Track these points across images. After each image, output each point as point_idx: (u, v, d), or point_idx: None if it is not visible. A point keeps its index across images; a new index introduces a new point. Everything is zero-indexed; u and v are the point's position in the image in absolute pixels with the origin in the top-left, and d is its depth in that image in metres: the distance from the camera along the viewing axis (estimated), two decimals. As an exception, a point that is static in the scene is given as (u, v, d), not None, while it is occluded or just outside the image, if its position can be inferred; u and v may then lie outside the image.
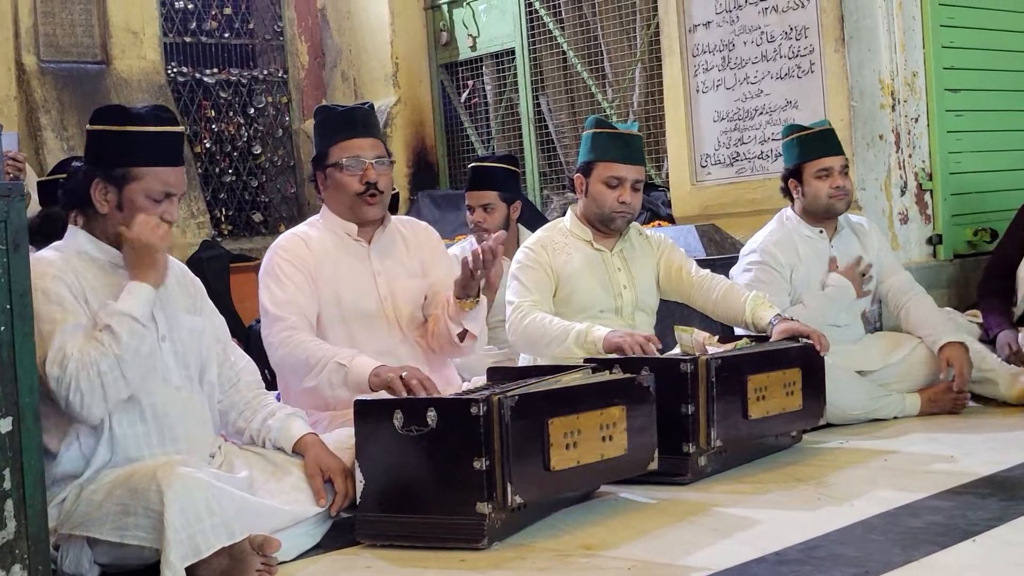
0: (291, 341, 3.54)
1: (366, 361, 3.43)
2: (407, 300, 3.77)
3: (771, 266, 4.49)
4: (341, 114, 3.78)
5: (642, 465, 3.35)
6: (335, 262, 3.72)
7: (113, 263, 2.98)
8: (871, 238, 4.73)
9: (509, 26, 7.86)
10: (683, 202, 6.37)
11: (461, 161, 8.46)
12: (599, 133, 4.15)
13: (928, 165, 5.78)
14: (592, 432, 3.15)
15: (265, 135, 8.87)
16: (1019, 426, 4.18)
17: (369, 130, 3.77)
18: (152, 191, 2.95)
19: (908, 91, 5.69)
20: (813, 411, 3.95)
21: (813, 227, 4.59)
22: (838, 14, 5.63)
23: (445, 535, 2.94)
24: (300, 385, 3.53)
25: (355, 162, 3.70)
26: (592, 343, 3.82)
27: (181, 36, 8.49)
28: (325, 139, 3.77)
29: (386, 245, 3.81)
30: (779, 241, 4.56)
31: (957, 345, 4.46)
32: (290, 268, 3.67)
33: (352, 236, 3.76)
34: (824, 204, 4.55)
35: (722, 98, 6.15)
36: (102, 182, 2.94)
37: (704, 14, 6.20)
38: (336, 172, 3.72)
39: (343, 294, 3.69)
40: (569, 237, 4.18)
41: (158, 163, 2.96)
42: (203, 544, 2.60)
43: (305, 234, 3.78)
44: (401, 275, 3.78)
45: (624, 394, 3.27)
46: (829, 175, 4.55)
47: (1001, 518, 2.91)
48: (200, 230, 7.71)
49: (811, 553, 2.73)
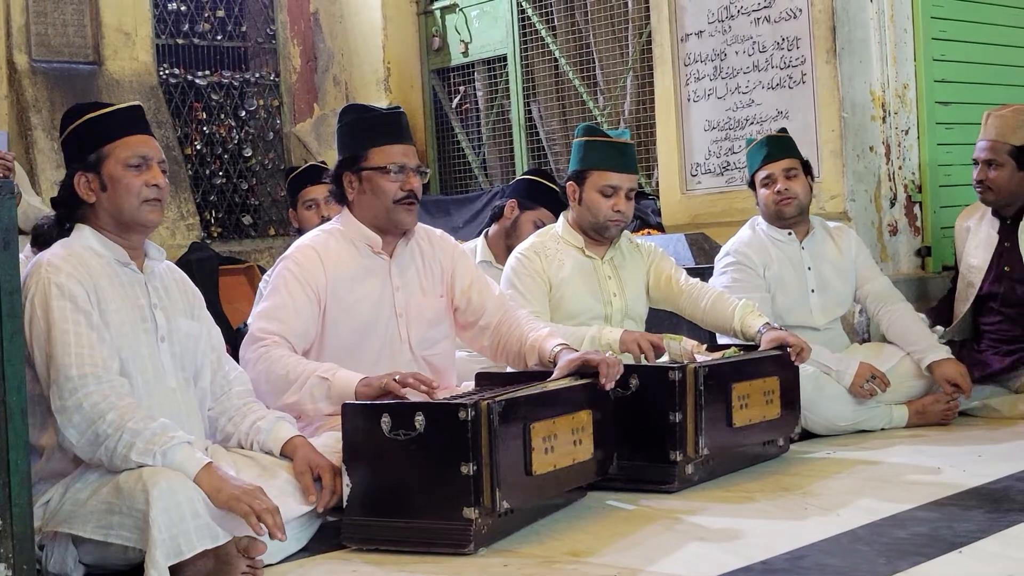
0: (268, 357, 3.43)
1: (348, 374, 3.35)
2: (419, 319, 3.68)
3: (745, 265, 4.55)
4: (381, 117, 3.67)
5: (604, 469, 3.38)
6: (351, 279, 3.60)
7: (119, 260, 3.02)
8: (848, 242, 4.74)
9: (502, 33, 7.87)
10: (673, 211, 6.38)
11: (451, 167, 8.46)
12: (593, 141, 4.14)
13: (918, 177, 5.80)
14: (566, 436, 3.17)
15: (256, 138, 8.85)
16: (1005, 439, 4.20)
17: (410, 137, 3.71)
18: (127, 159, 3.02)
19: (899, 103, 5.71)
20: (790, 420, 3.98)
21: (781, 230, 4.63)
22: (830, 25, 5.64)
23: (432, 540, 2.94)
24: (279, 401, 3.40)
25: (400, 168, 3.61)
26: (608, 345, 3.83)
27: (173, 38, 8.47)
28: (360, 141, 3.63)
29: (406, 259, 3.70)
30: (751, 243, 4.63)
31: (950, 362, 4.47)
32: (296, 286, 3.54)
33: (374, 248, 3.65)
34: (772, 211, 4.59)
35: (713, 107, 6.16)
36: (82, 174, 3.02)
37: (696, 23, 6.22)
38: (377, 176, 3.60)
39: (357, 313, 3.58)
40: (561, 243, 4.18)
41: (124, 134, 3.04)
42: (185, 545, 2.60)
43: (323, 246, 3.62)
44: (416, 292, 3.69)
45: (590, 398, 3.30)
46: (772, 181, 4.58)
47: (986, 530, 2.92)
48: (190, 232, 7.69)
49: (797, 563, 2.73)
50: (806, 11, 5.73)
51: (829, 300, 4.64)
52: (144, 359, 2.99)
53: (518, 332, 3.66)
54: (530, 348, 3.59)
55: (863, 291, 4.75)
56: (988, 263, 4.80)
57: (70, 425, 2.78)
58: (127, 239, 3.05)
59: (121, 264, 3.03)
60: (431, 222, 7.82)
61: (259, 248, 8.44)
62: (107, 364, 2.84)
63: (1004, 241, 4.80)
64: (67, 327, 2.82)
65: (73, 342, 2.81)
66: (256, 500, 2.75)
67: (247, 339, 3.55)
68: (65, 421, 2.78)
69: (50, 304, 2.83)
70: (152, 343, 3.02)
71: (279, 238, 8.51)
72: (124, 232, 3.04)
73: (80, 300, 2.86)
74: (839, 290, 4.68)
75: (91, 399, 2.77)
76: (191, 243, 7.46)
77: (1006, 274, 4.77)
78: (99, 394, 2.78)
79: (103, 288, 2.94)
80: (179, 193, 7.71)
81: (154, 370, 3.01)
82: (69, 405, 2.77)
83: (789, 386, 3.93)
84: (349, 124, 3.70)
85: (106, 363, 2.84)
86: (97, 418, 2.75)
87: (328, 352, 3.56)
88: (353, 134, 3.68)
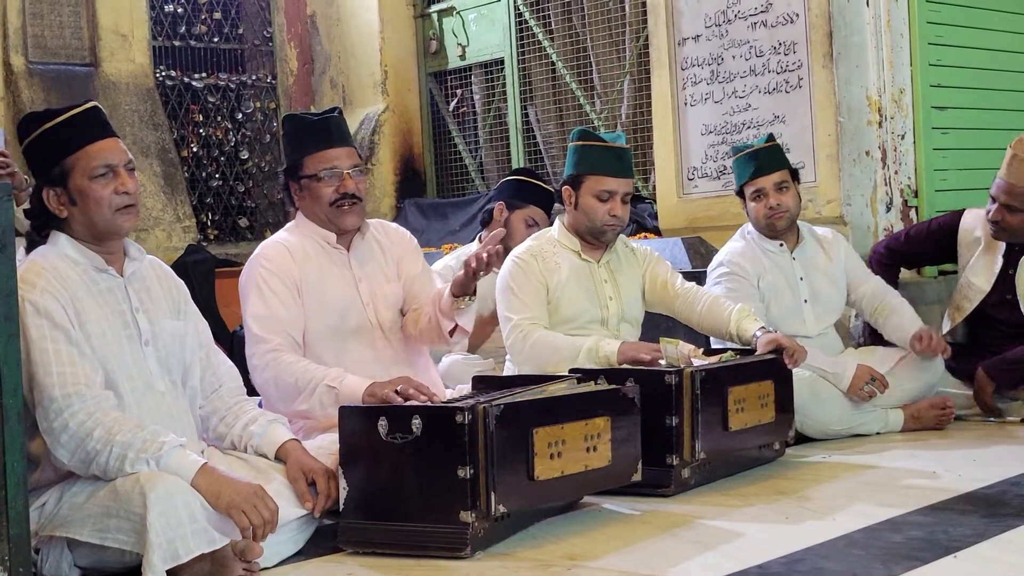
0: (277, 363, 3.52)
1: (355, 381, 3.42)
2: (387, 305, 3.80)
3: (739, 275, 4.53)
4: (313, 124, 3.74)
5: (626, 476, 3.35)
6: (319, 270, 3.71)
7: (96, 267, 2.97)
8: (837, 249, 4.74)
9: (499, 36, 7.87)
10: (670, 214, 6.38)
11: (448, 170, 8.47)
12: (589, 146, 4.13)
13: (914, 182, 5.81)
14: (576, 442, 3.15)
15: (253, 140, 8.86)
16: (1001, 443, 4.20)
17: (344, 139, 3.76)
18: (91, 169, 2.93)
19: (895, 108, 5.72)
20: (783, 424, 3.97)
21: (772, 241, 4.62)
22: (827, 30, 5.66)
23: (428, 543, 2.94)
24: (290, 408, 3.50)
25: (332, 173, 3.68)
26: (605, 357, 3.83)
27: (170, 40, 8.47)
28: (297, 149, 3.74)
29: (364, 251, 3.82)
30: (743, 252, 4.60)
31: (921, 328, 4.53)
32: (274, 280, 3.63)
33: (331, 244, 3.75)
34: (764, 224, 4.57)
35: (710, 111, 6.17)
36: (49, 189, 2.94)
37: (693, 28, 6.23)
38: (312, 183, 3.70)
39: (329, 302, 3.69)
40: (557, 247, 4.18)
41: (83, 143, 2.94)
42: (182, 549, 2.59)
43: (287, 241, 3.75)
44: (380, 280, 3.81)
45: (609, 405, 3.28)
46: (763, 196, 4.54)
47: (982, 534, 2.92)
48: (186, 234, 7.69)
49: (793, 567, 2.73)
50: (803, 16, 5.75)
51: (822, 309, 4.64)
52: (129, 366, 2.95)
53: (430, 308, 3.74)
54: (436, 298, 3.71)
55: (856, 295, 4.74)
56: (991, 286, 4.78)
57: (59, 446, 2.76)
58: (104, 246, 3.00)
59: (99, 270, 2.97)
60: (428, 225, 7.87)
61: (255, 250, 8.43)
62: (90, 380, 2.80)
63: (1008, 268, 4.76)
64: (46, 346, 2.78)
65: (54, 361, 2.77)
66: (254, 510, 2.75)
67: (251, 341, 3.58)
68: (54, 442, 2.76)
69: (26, 322, 2.77)
70: (136, 349, 2.98)
71: (275, 241, 8.49)
72: (100, 240, 2.99)
73: (57, 316, 2.81)
74: (831, 298, 4.68)
75: (77, 418, 2.74)
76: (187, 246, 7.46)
77: (1008, 301, 4.74)
78: (84, 412, 2.75)
79: (81, 299, 2.89)
80: (175, 196, 7.71)
81: (141, 376, 2.97)
82: (56, 427, 2.75)
83: (783, 390, 3.94)
84: (287, 134, 3.82)
85: (89, 379, 2.80)
86: (85, 436, 2.74)
87: (309, 341, 3.65)
88: (291, 143, 3.79)
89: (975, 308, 4.80)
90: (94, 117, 3.00)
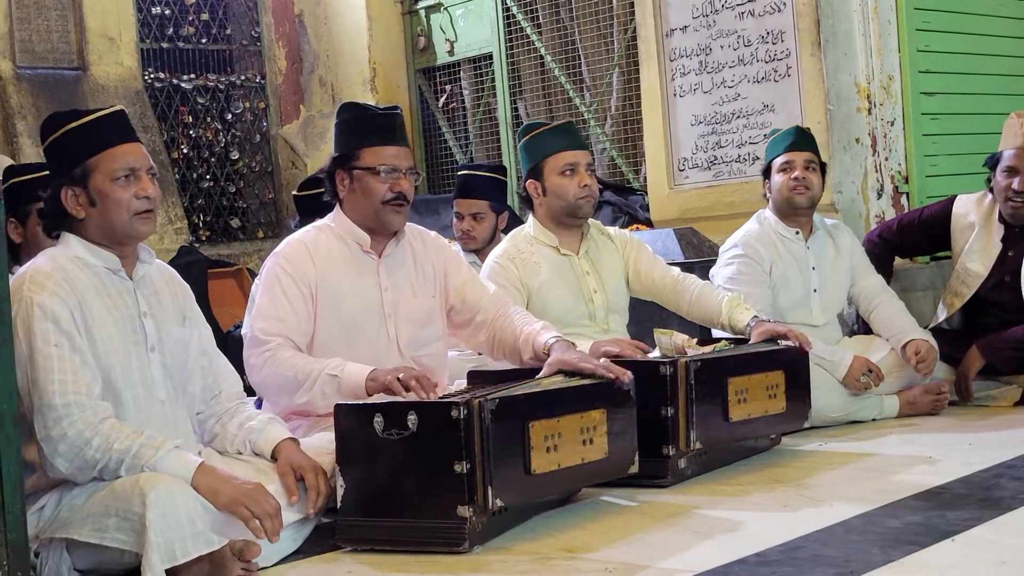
0: (274, 360, 3.43)
1: (357, 368, 3.36)
2: (409, 320, 3.66)
3: (752, 259, 4.52)
4: (376, 117, 3.65)
5: (623, 468, 3.35)
6: (340, 276, 3.59)
7: (108, 268, 2.96)
8: (845, 240, 4.75)
9: (487, 31, 7.87)
10: (661, 206, 6.39)
11: (439, 166, 8.47)
12: (536, 135, 4.19)
13: (904, 168, 5.81)
14: (573, 435, 3.15)
15: (243, 141, 8.85)
16: (996, 427, 4.21)
17: (404, 139, 3.68)
18: (113, 171, 2.92)
19: (884, 94, 5.72)
20: (797, 413, 3.94)
21: (789, 228, 4.62)
22: (814, 18, 5.66)
23: (426, 539, 2.94)
24: (290, 402, 3.44)
25: (390, 170, 3.58)
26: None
27: (158, 42, 8.46)
28: (354, 139, 3.62)
29: (396, 259, 3.69)
30: (759, 236, 4.60)
31: (921, 340, 4.50)
32: (289, 282, 3.54)
33: (363, 248, 3.64)
34: (784, 196, 4.58)
35: (699, 102, 6.17)
36: (69, 188, 2.93)
37: (681, 18, 6.23)
38: (367, 176, 3.58)
39: (345, 310, 3.58)
40: (535, 244, 4.16)
41: (108, 145, 2.94)
42: (180, 550, 2.59)
43: (313, 242, 3.62)
44: (407, 293, 3.68)
45: (604, 397, 3.28)
46: (791, 168, 4.57)
47: (979, 518, 2.93)
48: (178, 236, 7.68)
49: (792, 554, 2.74)
50: (790, 5, 5.75)
51: (828, 299, 4.65)
52: (133, 373, 2.94)
53: (512, 327, 3.66)
54: (524, 342, 3.60)
55: (856, 288, 4.75)
56: (989, 270, 4.76)
57: (57, 455, 2.75)
58: (118, 249, 2.99)
59: (111, 272, 2.96)
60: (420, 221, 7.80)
61: (248, 251, 8.44)
62: (90, 389, 2.79)
63: (1008, 250, 4.73)
64: (49, 351, 2.77)
65: (56, 367, 2.76)
66: (256, 503, 2.75)
67: (250, 341, 3.53)
68: (51, 450, 2.76)
69: (32, 327, 2.77)
70: (142, 354, 2.97)
71: (268, 240, 8.51)
72: (115, 243, 2.97)
73: (63, 321, 2.80)
74: (838, 289, 4.69)
75: (76, 427, 2.74)
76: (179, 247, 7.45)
77: (1007, 284, 4.71)
78: (83, 422, 2.74)
79: (89, 302, 2.88)
80: (167, 197, 7.70)
81: (143, 383, 2.96)
82: (54, 435, 2.74)
83: (796, 380, 3.91)
84: (344, 122, 3.69)
85: (89, 388, 2.79)
86: (84, 445, 2.73)
87: (318, 349, 3.55)
88: (347, 133, 3.67)
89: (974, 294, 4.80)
90: (119, 121, 3.00)
